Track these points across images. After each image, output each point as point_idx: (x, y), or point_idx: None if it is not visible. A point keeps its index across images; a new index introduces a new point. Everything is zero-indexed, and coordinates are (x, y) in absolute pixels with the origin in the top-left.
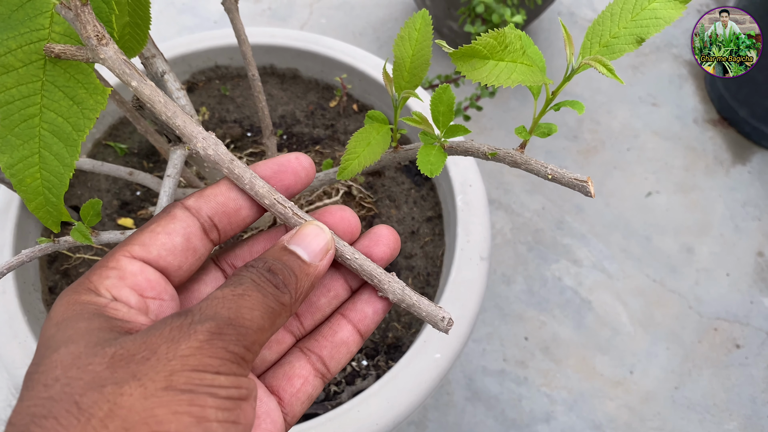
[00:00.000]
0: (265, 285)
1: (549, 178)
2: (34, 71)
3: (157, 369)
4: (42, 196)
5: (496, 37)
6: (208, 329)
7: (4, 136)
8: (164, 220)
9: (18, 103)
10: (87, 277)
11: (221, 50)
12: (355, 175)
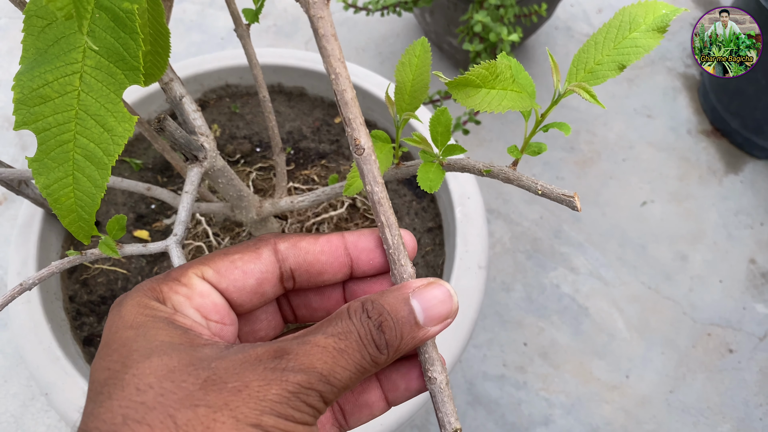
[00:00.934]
0: (368, 345)
1: (539, 193)
2: (68, 101)
3: (249, 405)
4: (75, 213)
5: (487, 68)
6: (299, 381)
7: (41, 159)
8: (248, 254)
9: (54, 130)
10: (156, 284)
11: (231, 70)
12: (359, 191)
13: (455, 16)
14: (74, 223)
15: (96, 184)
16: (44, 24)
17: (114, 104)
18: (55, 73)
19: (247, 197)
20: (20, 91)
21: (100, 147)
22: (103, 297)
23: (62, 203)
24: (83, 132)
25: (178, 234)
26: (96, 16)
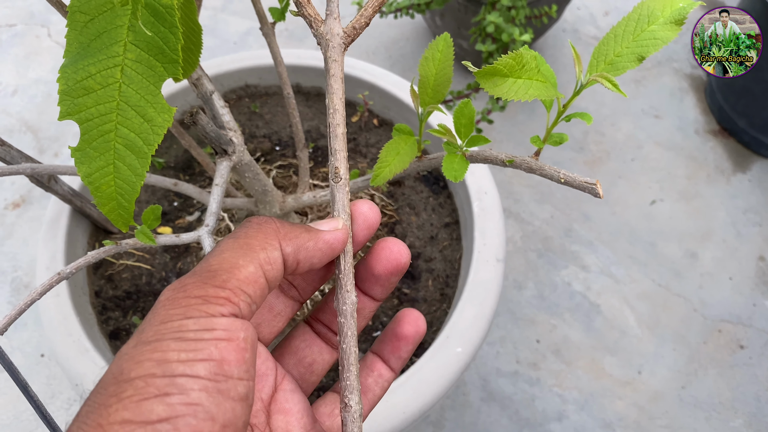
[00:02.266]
0: (239, 230)
1: (561, 181)
2: (110, 92)
3: (133, 337)
4: (115, 201)
5: (514, 57)
6: (171, 288)
7: (83, 149)
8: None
9: (96, 120)
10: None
11: (251, 70)
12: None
13: (466, 18)
14: (114, 210)
15: (136, 172)
16: (87, 19)
17: (153, 96)
18: (98, 66)
19: (272, 192)
20: (65, 82)
21: (140, 137)
22: (128, 292)
23: (103, 191)
24: (124, 122)
25: (210, 224)
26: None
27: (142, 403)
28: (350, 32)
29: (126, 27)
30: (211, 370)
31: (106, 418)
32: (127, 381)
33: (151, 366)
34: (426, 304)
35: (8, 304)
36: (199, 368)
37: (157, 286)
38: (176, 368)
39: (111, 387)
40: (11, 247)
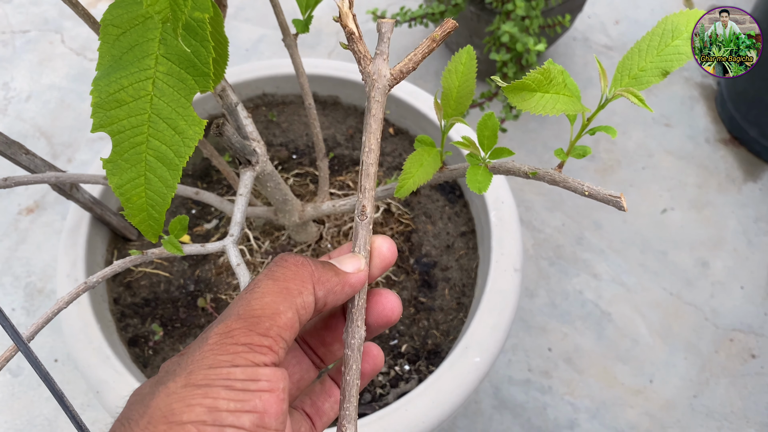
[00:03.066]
0: (277, 270)
1: (586, 194)
2: (142, 105)
3: (179, 373)
4: (145, 212)
5: (542, 72)
6: (218, 331)
7: (115, 160)
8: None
9: (128, 132)
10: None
11: (268, 80)
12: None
13: (478, 27)
14: (144, 221)
15: (167, 184)
16: (119, 32)
17: (184, 108)
18: (130, 79)
19: (291, 201)
20: (98, 95)
21: (172, 149)
22: (146, 299)
23: (134, 202)
24: (155, 134)
25: (235, 235)
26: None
27: None
28: (397, 75)
29: (157, 40)
30: (254, 422)
31: None
32: (179, 424)
33: (203, 413)
34: (443, 313)
35: (23, 309)
36: (245, 420)
37: (176, 293)
38: (225, 418)
39: (161, 426)
40: (25, 252)
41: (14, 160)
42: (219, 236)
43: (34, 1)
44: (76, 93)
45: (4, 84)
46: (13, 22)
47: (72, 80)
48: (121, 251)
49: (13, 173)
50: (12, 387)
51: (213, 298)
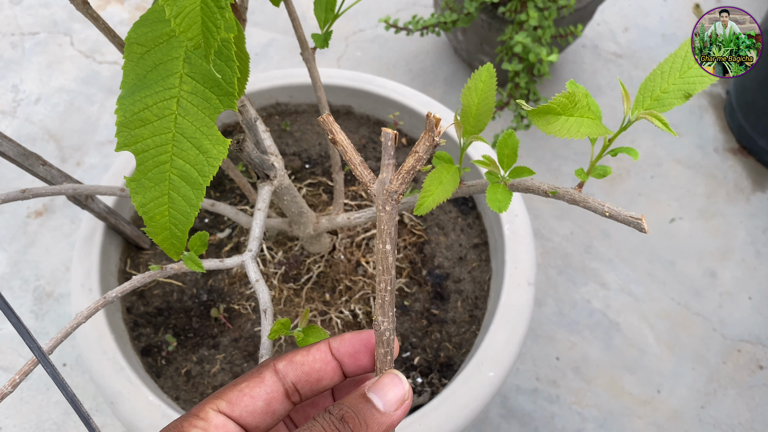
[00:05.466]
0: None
1: (606, 215)
2: (166, 124)
3: None
4: (168, 231)
5: (567, 96)
6: None
7: (139, 179)
8: (253, 381)
9: (152, 152)
10: (180, 422)
11: (282, 89)
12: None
13: (489, 35)
14: (167, 240)
15: (190, 203)
16: (143, 51)
17: (209, 128)
18: (155, 98)
19: (306, 213)
20: (122, 114)
21: (196, 168)
22: (159, 309)
23: (157, 221)
24: (179, 153)
25: (253, 249)
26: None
27: None
28: (400, 190)
29: (182, 59)
30: None
31: None
32: None
33: None
34: (455, 325)
35: (31, 313)
36: None
37: (188, 303)
38: None
39: None
40: (34, 255)
41: (32, 172)
42: (232, 245)
43: (43, 3)
44: (85, 96)
45: (14, 86)
46: (22, 24)
47: (81, 83)
48: (134, 260)
49: (32, 183)
50: (21, 391)
51: (226, 308)
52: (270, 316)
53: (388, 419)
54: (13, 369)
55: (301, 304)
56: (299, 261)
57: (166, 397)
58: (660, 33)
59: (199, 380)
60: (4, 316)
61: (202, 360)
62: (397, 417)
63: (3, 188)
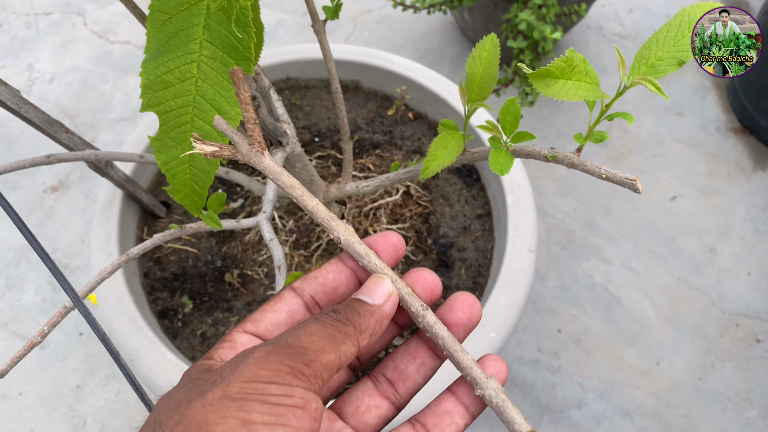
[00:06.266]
0: (326, 319)
1: (603, 177)
2: (187, 86)
3: (217, 384)
4: (189, 188)
5: (565, 60)
6: (265, 349)
7: (162, 138)
8: (273, 300)
9: (174, 113)
10: (209, 351)
11: (292, 64)
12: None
13: (495, 14)
14: (188, 196)
15: (210, 162)
16: (166, 18)
17: (227, 90)
18: (176, 62)
19: (317, 182)
20: (146, 77)
21: (215, 128)
22: (175, 274)
23: (179, 178)
24: (200, 114)
25: (267, 211)
26: (212, 11)
27: None
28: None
29: (202, 25)
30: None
31: None
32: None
33: (237, 425)
34: None
35: (48, 284)
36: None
37: (203, 269)
38: (259, 430)
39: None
40: (50, 229)
41: (55, 138)
42: (245, 215)
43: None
44: (98, 75)
45: (29, 65)
46: (36, 5)
47: (94, 62)
48: (151, 228)
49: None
50: (39, 359)
51: (240, 274)
52: (284, 272)
53: (378, 310)
54: (30, 337)
55: (312, 269)
56: (309, 229)
57: (183, 357)
58: (665, 14)
59: (213, 341)
60: (25, 284)
61: (216, 322)
62: (387, 308)
63: None
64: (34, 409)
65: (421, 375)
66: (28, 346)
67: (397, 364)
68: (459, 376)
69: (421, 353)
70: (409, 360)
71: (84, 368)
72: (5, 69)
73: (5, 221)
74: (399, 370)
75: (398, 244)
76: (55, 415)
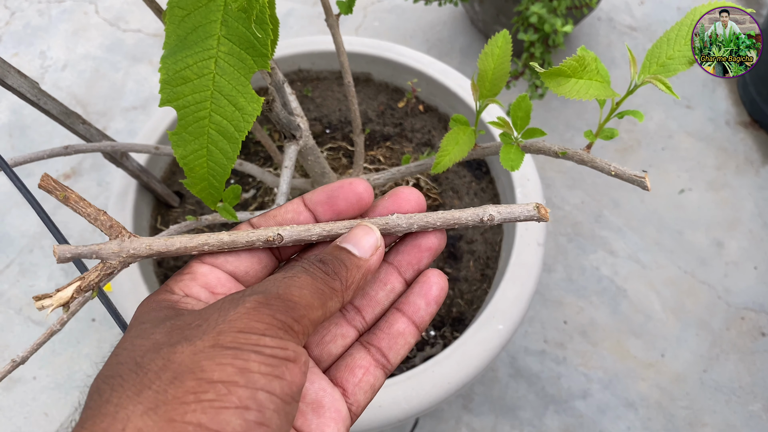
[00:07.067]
0: (315, 271)
1: (612, 174)
2: (205, 82)
3: (206, 331)
4: (206, 182)
5: (577, 60)
6: (256, 299)
7: (180, 133)
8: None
9: (192, 108)
10: (165, 284)
11: (304, 56)
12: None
13: (506, 6)
14: (205, 190)
15: (227, 156)
16: (184, 14)
17: (244, 86)
18: (195, 58)
19: (329, 174)
20: (165, 72)
21: (232, 123)
22: (187, 262)
23: (196, 172)
24: (217, 110)
25: (281, 204)
26: (230, 8)
27: (221, 411)
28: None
29: (219, 22)
30: (284, 389)
31: (182, 416)
32: (209, 382)
33: (234, 373)
34: (467, 283)
35: (61, 271)
36: (275, 385)
37: None
38: (257, 380)
39: (189, 382)
40: (62, 216)
41: (72, 129)
42: (257, 205)
43: None
44: (109, 63)
45: (41, 53)
46: None
47: (106, 50)
48: (164, 217)
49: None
50: (53, 344)
51: None
52: None
53: (365, 263)
54: (43, 322)
55: None
56: None
57: None
58: (675, 6)
59: None
60: (38, 270)
61: None
62: (374, 262)
63: (32, 151)
64: (47, 392)
65: (389, 300)
66: (47, 333)
67: (367, 291)
68: (405, 293)
69: (391, 279)
70: (380, 286)
71: (96, 353)
72: (18, 56)
73: (19, 208)
74: (369, 297)
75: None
76: (68, 399)
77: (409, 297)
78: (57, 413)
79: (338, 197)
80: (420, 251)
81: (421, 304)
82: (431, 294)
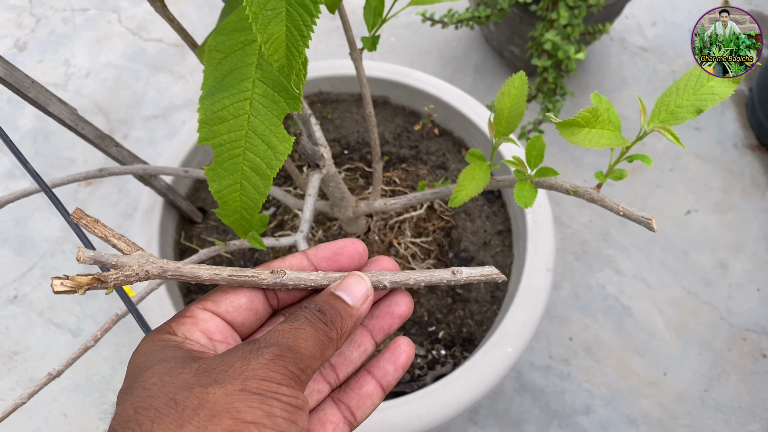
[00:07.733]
0: (316, 322)
1: (620, 214)
2: (240, 122)
3: (234, 377)
4: (239, 214)
5: (591, 111)
6: (272, 351)
7: (216, 169)
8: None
9: (228, 146)
10: (166, 323)
11: (325, 79)
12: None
13: (520, 28)
14: (237, 221)
15: (259, 191)
16: (221, 57)
17: (276, 126)
18: (231, 99)
19: (348, 198)
20: (204, 113)
21: (264, 161)
22: (188, 306)
23: (230, 205)
24: (251, 148)
25: (305, 230)
26: (264, 53)
27: None
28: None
29: (255, 65)
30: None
31: None
32: (243, 422)
33: (262, 416)
34: (477, 305)
35: None
36: (293, 430)
37: None
38: (281, 424)
39: (226, 421)
40: None
41: (106, 152)
42: (276, 222)
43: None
44: (131, 72)
45: (65, 60)
46: (73, 1)
47: (128, 59)
48: (188, 232)
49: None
50: (72, 347)
51: None
52: None
53: (357, 312)
54: (64, 325)
55: None
56: (338, 239)
57: None
58: (687, 28)
59: None
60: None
61: None
62: (363, 311)
63: (55, 157)
64: (67, 394)
65: (361, 360)
66: (82, 348)
67: (343, 350)
68: (375, 357)
69: (364, 341)
70: (354, 347)
71: (114, 357)
72: (43, 63)
73: (41, 212)
74: (344, 356)
75: (361, 251)
76: (87, 400)
77: (380, 361)
78: (76, 414)
79: (343, 254)
80: (392, 318)
81: (389, 369)
82: (400, 361)
